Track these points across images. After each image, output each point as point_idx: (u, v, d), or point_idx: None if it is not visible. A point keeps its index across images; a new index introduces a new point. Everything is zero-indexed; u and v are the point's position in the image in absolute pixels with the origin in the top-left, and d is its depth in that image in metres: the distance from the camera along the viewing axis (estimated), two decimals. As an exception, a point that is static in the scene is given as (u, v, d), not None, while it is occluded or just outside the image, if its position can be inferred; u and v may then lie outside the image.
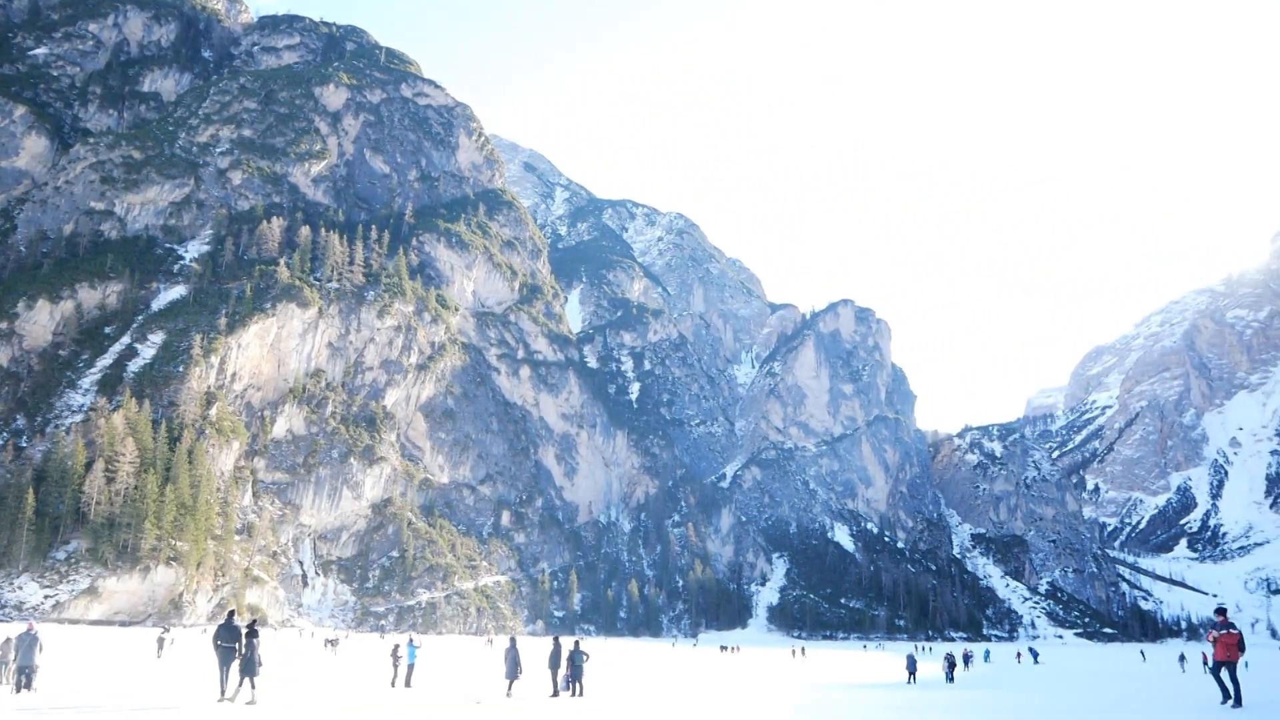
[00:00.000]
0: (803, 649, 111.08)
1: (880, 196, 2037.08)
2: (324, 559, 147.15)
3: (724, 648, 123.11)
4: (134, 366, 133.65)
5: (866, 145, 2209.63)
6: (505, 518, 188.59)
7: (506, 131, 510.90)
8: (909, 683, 52.82)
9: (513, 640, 35.52)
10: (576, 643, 35.00)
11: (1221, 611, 24.32)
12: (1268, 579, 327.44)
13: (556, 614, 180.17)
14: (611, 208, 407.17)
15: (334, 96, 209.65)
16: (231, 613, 28.28)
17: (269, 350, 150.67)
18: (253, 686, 26.93)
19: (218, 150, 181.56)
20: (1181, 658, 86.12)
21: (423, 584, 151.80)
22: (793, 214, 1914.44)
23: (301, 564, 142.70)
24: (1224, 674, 24.49)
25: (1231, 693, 24.35)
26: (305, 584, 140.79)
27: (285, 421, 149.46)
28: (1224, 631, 23.27)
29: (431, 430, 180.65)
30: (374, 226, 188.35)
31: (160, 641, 58.00)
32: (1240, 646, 23.36)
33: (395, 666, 39.12)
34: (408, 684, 38.43)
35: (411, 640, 40.51)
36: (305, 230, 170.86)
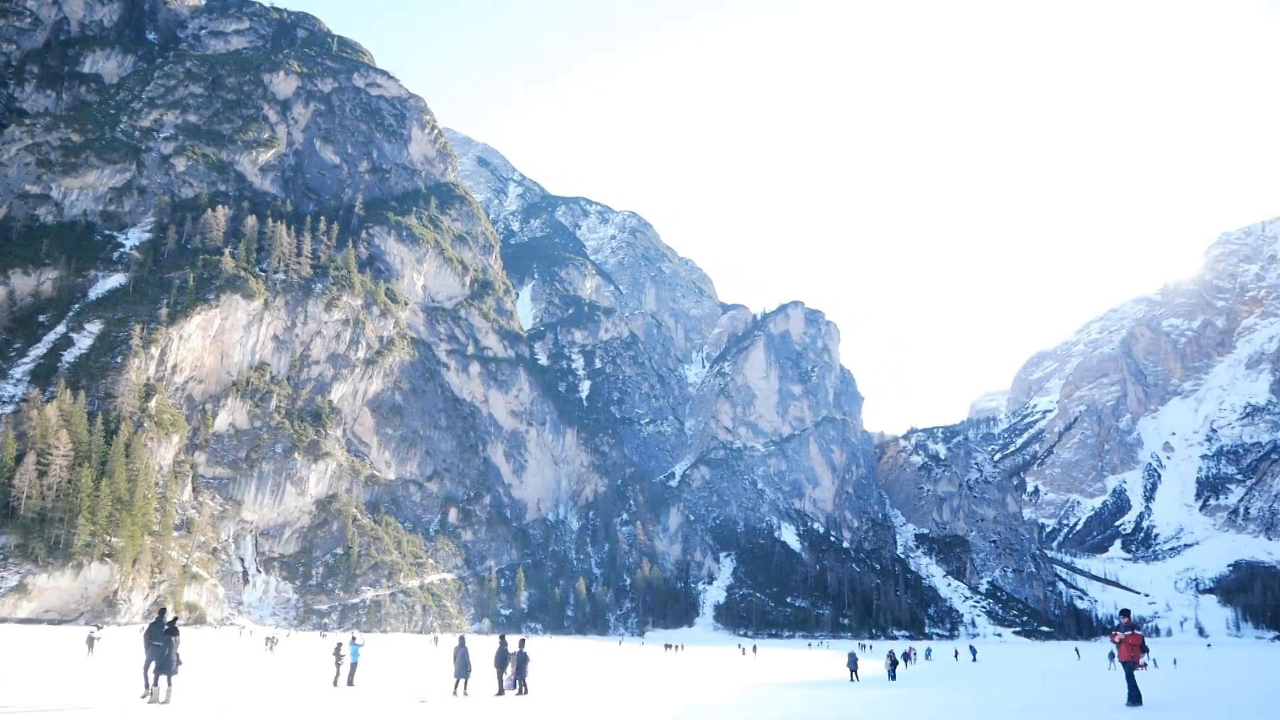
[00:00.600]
0: (754, 647, 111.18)
1: (831, 200, 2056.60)
2: (266, 556, 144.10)
3: (668, 646, 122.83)
4: (69, 356, 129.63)
5: (818, 149, 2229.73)
6: (452, 515, 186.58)
7: (460, 125, 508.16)
8: (851, 680, 52.96)
9: (462, 639, 34.94)
10: (521, 641, 34.44)
11: (1126, 614, 25.01)
12: (1196, 579, 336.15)
13: (503, 612, 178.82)
14: (565, 205, 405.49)
15: (284, 84, 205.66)
16: (162, 611, 27.29)
17: (212, 342, 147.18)
18: (169, 685, 26.15)
19: (161, 135, 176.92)
20: (1111, 655, 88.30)
21: (367, 582, 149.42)
22: (745, 215, 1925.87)
23: (242, 561, 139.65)
24: (1131, 674, 24.96)
25: (1130, 692, 24.89)
26: (246, 581, 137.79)
27: (228, 415, 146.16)
28: (1128, 633, 23.81)
29: (379, 426, 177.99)
30: (323, 218, 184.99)
31: (91, 640, 56.05)
32: (1142, 648, 23.90)
33: (337, 665, 38.27)
34: (350, 683, 37.65)
35: (354, 639, 39.62)
36: (251, 220, 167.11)
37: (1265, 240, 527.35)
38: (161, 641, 25.78)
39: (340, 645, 38.89)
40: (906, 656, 76.61)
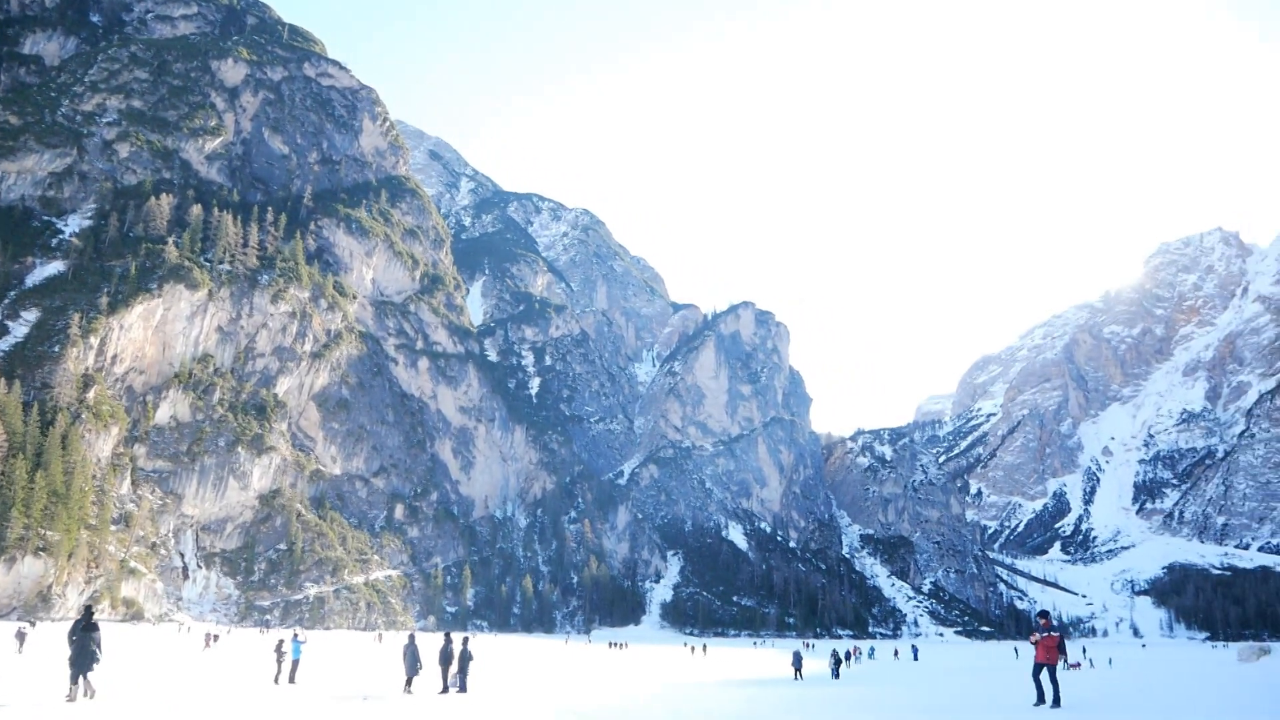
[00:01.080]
0: (704, 646, 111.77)
1: (782, 203, 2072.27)
2: (207, 551, 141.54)
3: (612, 644, 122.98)
4: (4, 345, 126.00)
5: (771, 152, 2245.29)
6: (399, 511, 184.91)
7: (412, 118, 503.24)
8: (796, 679, 53.48)
9: (412, 637, 34.94)
10: (464, 640, 34.42)
11: (1044, 615, 24.62)
12: (1132, 580, 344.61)
13: (449, 609, 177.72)
14: (517, 201, 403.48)
15: (232, 71, 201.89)
16: (89, 608, 26.83)
17: (153, 332, 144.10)
18: (87, 682, 25.87)
19: (104, 120, 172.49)
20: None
21: (311, 578, 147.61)
22: (697, 216, 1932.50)
23: (182, 556, 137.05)
24: (1044, 675, 24.55)
25: (1049, 694, 24.46)
26: (186, 577, 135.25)
27: (169, 407, 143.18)
28: (1045, 634, 23.62)
29: (325, 420, 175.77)
30: (270, 208, 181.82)
31: (21, 636, 54.65)
32: (1060, 649, 23.79)
33: (279, 663, 37.89)
34: (292, 680, 37.34)
35: (297, 635, 39.25)
36: (197, 209, 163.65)
37: (1203, 251, 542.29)
38: (79, 637, 25.47)
39: (282, 642, 38.50)
40: (848, 655, 77.61)
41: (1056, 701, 24.15)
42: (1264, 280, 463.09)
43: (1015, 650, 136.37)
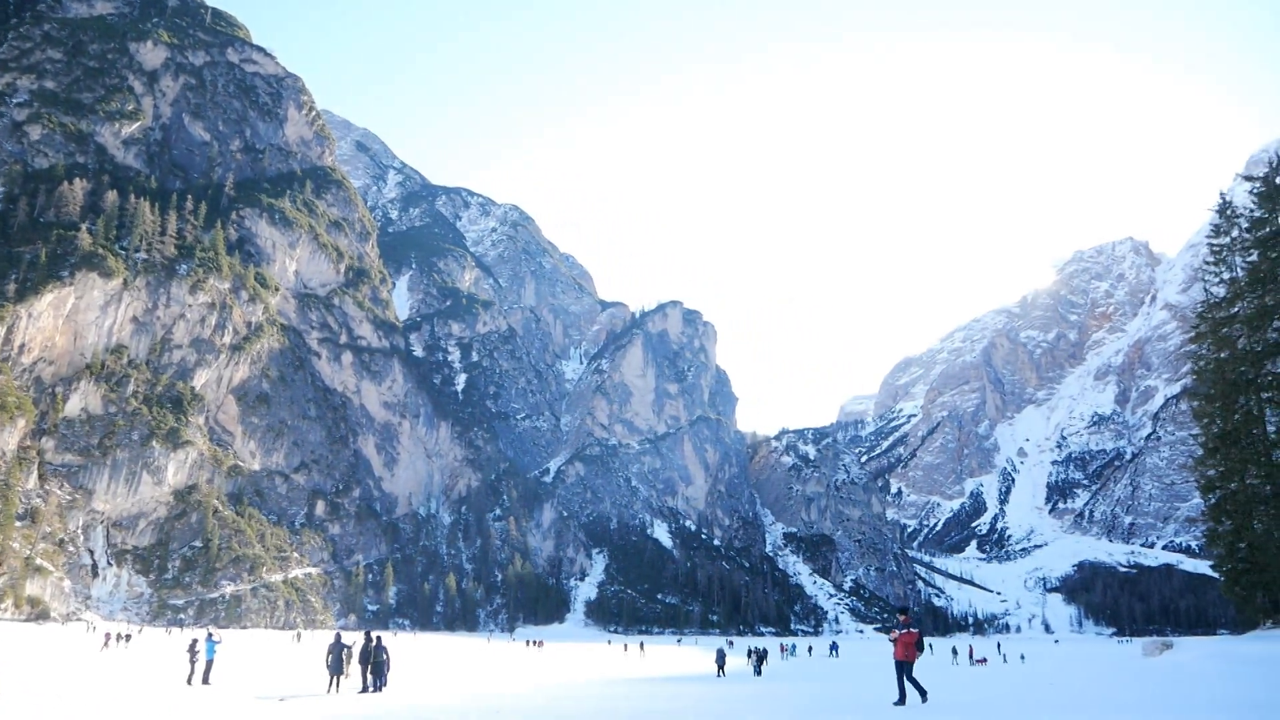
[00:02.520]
0: (640, 645, 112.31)
1: (709, 203, 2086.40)
2: (118, 548, 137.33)
3: (529, 642, 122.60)
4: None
5: (698, 151, 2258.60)
6: (320, 507, 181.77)
7: (339, 108, 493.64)
8: (718, 676, 54.14)
9: (338, 636, 34.74)
10: (378, 638, 34.31)
11: (904, 611, 24.08)
12: (1044, 578, 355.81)
13: (370, 608, 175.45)
14: (446, 195, 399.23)
15: (152, 54, 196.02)
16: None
17: (64, 322, 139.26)
18: None
19: (14, 101, 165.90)
20: (954, 651, 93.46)
21: (227, 576, 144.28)
22: (626, 215, 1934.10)
23: (92, 553, 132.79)
24: (903, 674, 23.71)
25: (916, 692, 23.70)
26: (95, 575, 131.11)
27: (80, 400, 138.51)
28: (904, 631, 23.27)
29: (244, 414, 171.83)
30: (190, 196, 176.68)
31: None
32: (919, 646, 23.34)
33: (192, 663, 37.34)
34: (205, 681, 36.78)
35: (211, 635, 38.60)
36: (112, 195, 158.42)
37: (1115, 259, 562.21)
38: None
39: (195, 642, 37.92)
40: (765, 653, 78.58)
41: (902, 698, 23.70)
42: (1171, 289, 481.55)
43: (930, 646, 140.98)
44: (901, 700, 23.52)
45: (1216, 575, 64.40)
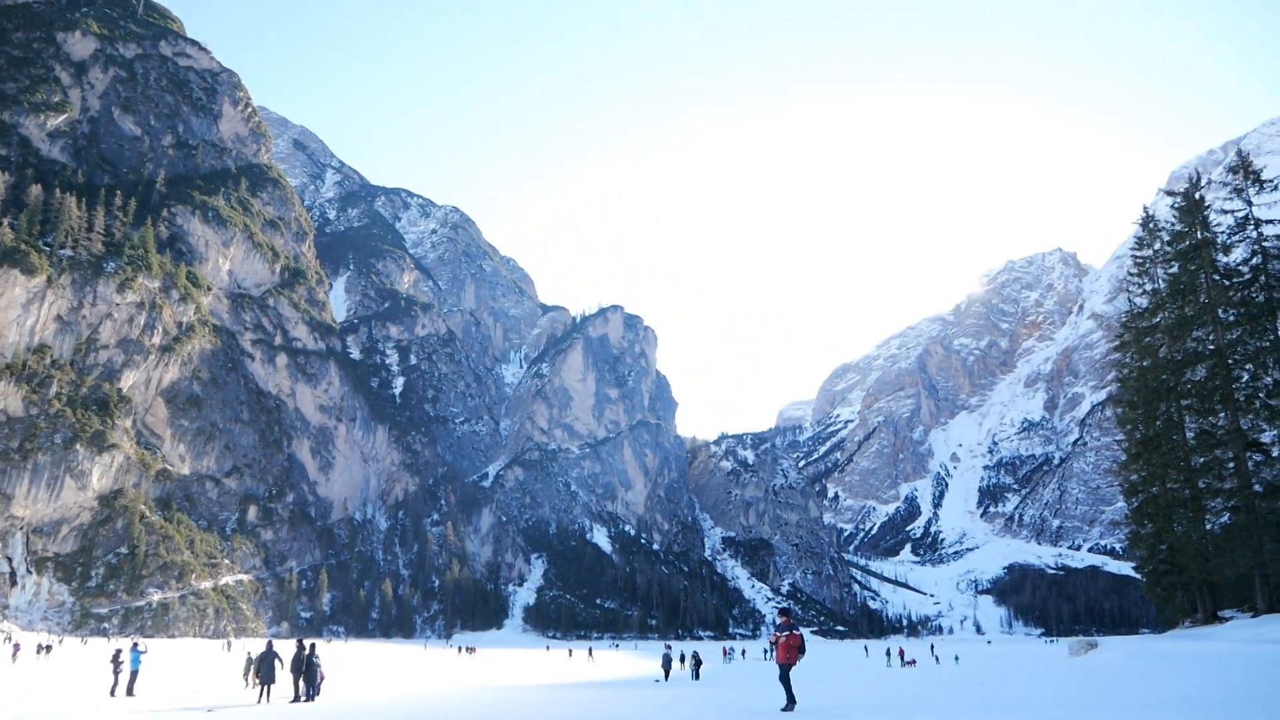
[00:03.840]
0: (589, 650, 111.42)
1: (649, 207, 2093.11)
2: (38, 555, 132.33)
3: (460, 649, 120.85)
4: None
5: (638, 156, 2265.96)
6: (252, 513, 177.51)
7: (276, 105, 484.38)
8: (662, 680, 53.83)
9: (269, 644, 33.72)
10: (311, 646, 33.36)
11: (785, 613, 23.20)
12: (975, 580, 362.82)
13: (304, 615, 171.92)
14: (385, 195, 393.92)
15: (80, 45, 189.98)
16: None
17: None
18: None
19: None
20: (887, 652, 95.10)
21: (154, 583, 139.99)
22: (567, 218, 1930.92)
23: (10, 561, 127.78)
24: (785, 677, 22.83)
25: (790, 697, 22.82)
26: (14, 583, 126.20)
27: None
28: (785, 634, 22.37)
29: (173, 417, 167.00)
30: (119, 192, 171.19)
31: None
32: (800, 649, 22.45)
33: (116, 674, 36.01)
34: (130, 692, 35.60)
35: (136, 645, 37.29)
36: (36, 189, 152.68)
37: (1044, 270, 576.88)
38: None
39: (120, 652, 36.59)
40: (697, 658, 78.29)
41: (789, 704, 22.77)
42: (1097, 299, 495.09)
43: (865, 649, 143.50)
44: (789, 706, 22.82)
45: (1139, 576, 66.29)
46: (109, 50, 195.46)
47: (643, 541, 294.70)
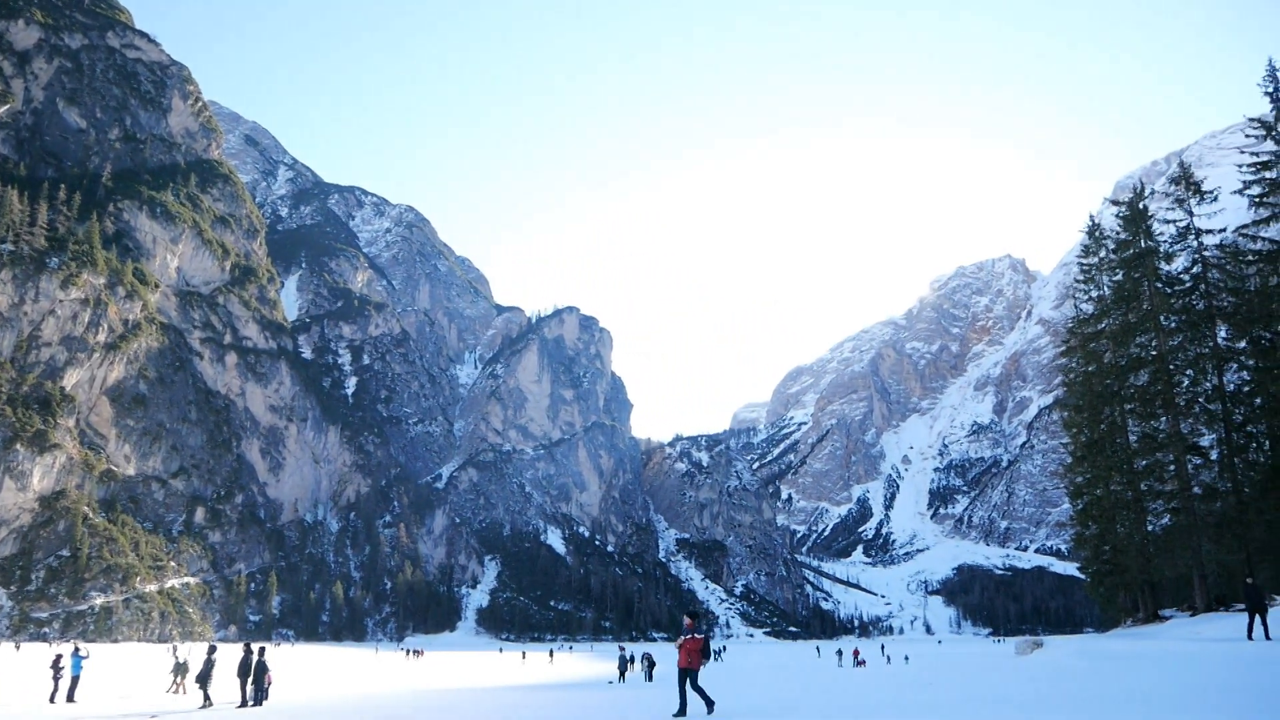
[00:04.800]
0: (550, 652, 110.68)
1: (607, 209, 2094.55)
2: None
3: (408, 652, 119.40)
4: None
5: (594, 158, 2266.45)
6: (200, 514, 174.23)
7: (228, 99, 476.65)
8: (616, 682, 53.69)
9: (212, 648, 33.08)
10: (261, 650, 32.78)
11: (691, 615, 21.95)
12: (925, 581, 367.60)
13: (252, 618, 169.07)
14: (339, 193, 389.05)
15: (23, 35, 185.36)
16: None
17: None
18: None
19: None
20: (839, 653, 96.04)
21: (97, 587, 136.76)
22: (523, 218, 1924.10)
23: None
24: (687, 683, 21.47)
25: (703, 701, 21.30)
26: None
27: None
28: (689, 637, 21.39)
29: (118, 417, 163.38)
30: (64, 186, 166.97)
31: None
32: (704, 653, 21.62)
33: (56, 679, 35.09)
34: (70, 698, 34.79)
35: (77, 649, 36.38)
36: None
37: (994, 276, 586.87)
38: None
39: (60, 657, 35.65)
40: (651, 660, 78.33)
41: (681, 709, 21.38)
42: (1045, 305, 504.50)
43: (817, 649, 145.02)
44: (682, 711, 21.32)
45: (1084, 577, 67.82)
46: (54, 40, 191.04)
47: (597, 543, 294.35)
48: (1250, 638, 27.85)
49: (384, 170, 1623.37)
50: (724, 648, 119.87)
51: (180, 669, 42.18)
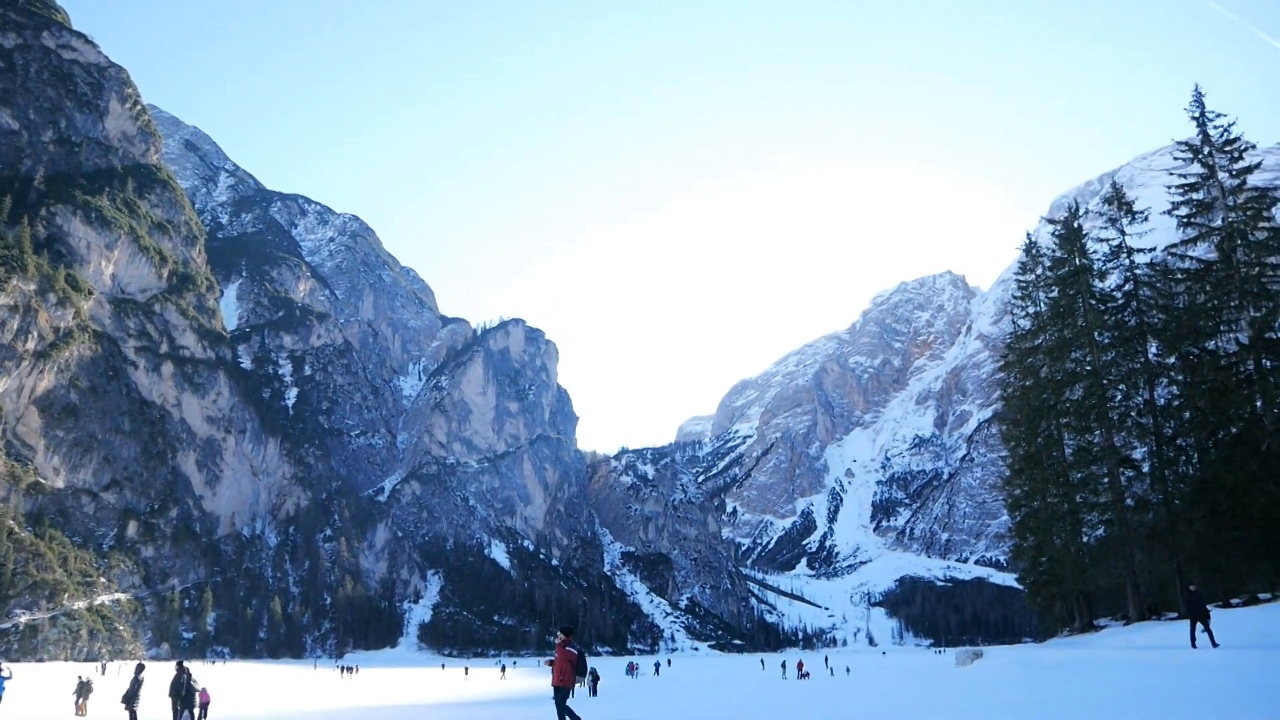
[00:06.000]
0: (502, 669, 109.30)
1: (554, 221, 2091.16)
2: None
3: (343, 669, 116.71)
4: None
5: (542, 169, 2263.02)
6: (132, 528, 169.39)
7: (168, 104, 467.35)
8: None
9: (140, 667, 31.87)
10: (186, 670, 31.64)
11: (566, 630, 20.27)
12: (868, 593, 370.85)
13: (186, 635, 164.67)
14: (281, 201, 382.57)
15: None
16: None
17: None
18: None
19: None
20: (783, 665, 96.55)
21: (22, 604, 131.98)
22: (470, 229, 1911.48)
23: None
24: (560, 702, 19.90)
25: None
26: None
27: None
28: (562, 651, 19.80)
29: (47, 427, 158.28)
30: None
31: None
32: (579, 670, 19.82)
33: (-25, 701, 33.51)
34: (-9, 722, 33.18)
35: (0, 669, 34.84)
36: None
37: (935, 291, 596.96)
38: None
39: (-19, 678, 34.06)
40: (595, 674, 77.27)
41: None
42: (984, 320, 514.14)
43: (761, 662, 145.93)
44: None
45: (1022, 587, 69.18)
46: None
47: (542, 557, 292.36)
48: (1194, 645, 28.09)
49: (328, 178, 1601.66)
50: (669, 661, 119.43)
51: (83, 689, 40.78)
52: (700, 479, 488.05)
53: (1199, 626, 28.29)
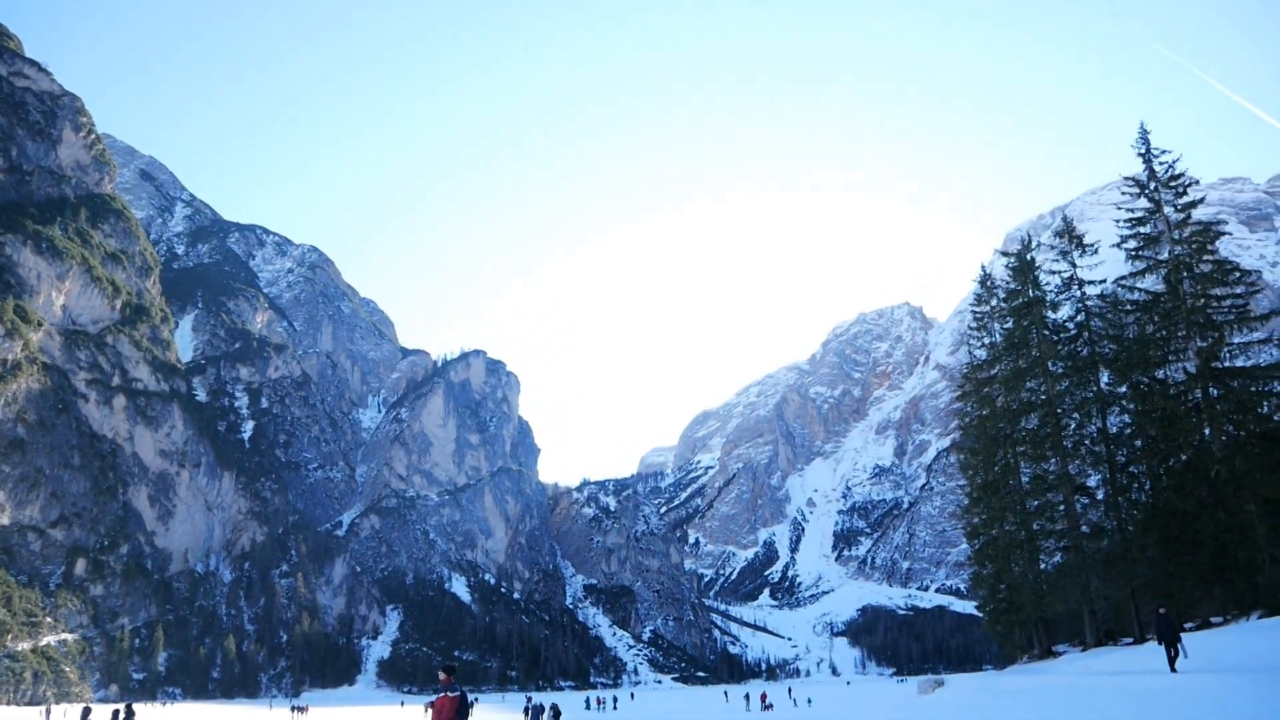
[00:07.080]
0: (474, 700, 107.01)
1: (513, 252, 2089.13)
2: None
3: (294, 709, 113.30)
4: None
5: (498, 199, 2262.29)
6: (80, 566, 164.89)
7: (123, 132, 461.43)
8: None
9: (86, 710, 30.73)
10: (130, 710, 30.56)
11: (447, 670, 18.93)
12: (831, 622, 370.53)
13: (136, 676, 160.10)
14: (239, 231, 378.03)
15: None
16: None
17: None
18: None
19: None
20: (746, 697, 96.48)
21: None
22: (429, 260, 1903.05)
23: None
24: None
25: None
26: None
27: None
28: (442, 695, 18.42)
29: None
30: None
31: None
32: (461, 713, 18.25)
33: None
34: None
35: (-60, 715, 33.46)
36: None
37: (893, 322, 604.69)
38: None
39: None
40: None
41: None
42: (941, 350, 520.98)
43: (725, 693, 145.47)
44: None
45: (981, 615, 69.65)
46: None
47: (503, 590, 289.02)
48: (1173, 669, 28.05)
49: (287, 209, 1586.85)
50: (631, 695, 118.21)
51: None
52: (663, 510, 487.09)
53: (1169, 649, 28.40)
